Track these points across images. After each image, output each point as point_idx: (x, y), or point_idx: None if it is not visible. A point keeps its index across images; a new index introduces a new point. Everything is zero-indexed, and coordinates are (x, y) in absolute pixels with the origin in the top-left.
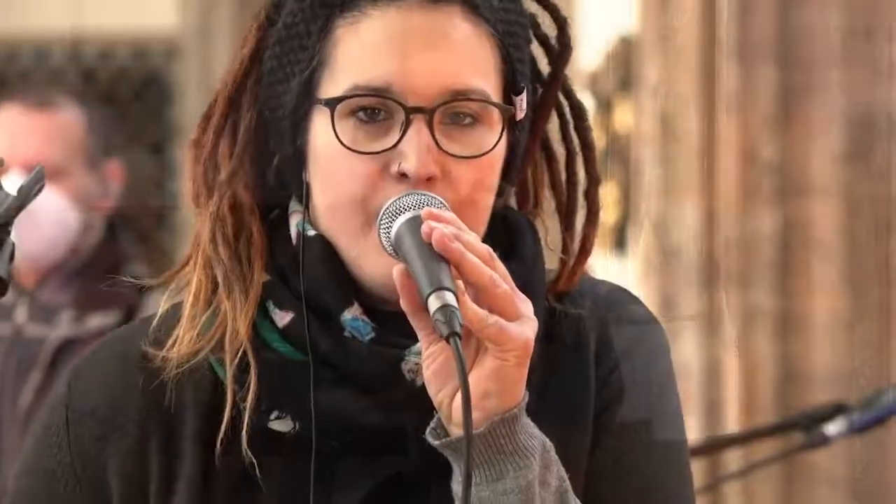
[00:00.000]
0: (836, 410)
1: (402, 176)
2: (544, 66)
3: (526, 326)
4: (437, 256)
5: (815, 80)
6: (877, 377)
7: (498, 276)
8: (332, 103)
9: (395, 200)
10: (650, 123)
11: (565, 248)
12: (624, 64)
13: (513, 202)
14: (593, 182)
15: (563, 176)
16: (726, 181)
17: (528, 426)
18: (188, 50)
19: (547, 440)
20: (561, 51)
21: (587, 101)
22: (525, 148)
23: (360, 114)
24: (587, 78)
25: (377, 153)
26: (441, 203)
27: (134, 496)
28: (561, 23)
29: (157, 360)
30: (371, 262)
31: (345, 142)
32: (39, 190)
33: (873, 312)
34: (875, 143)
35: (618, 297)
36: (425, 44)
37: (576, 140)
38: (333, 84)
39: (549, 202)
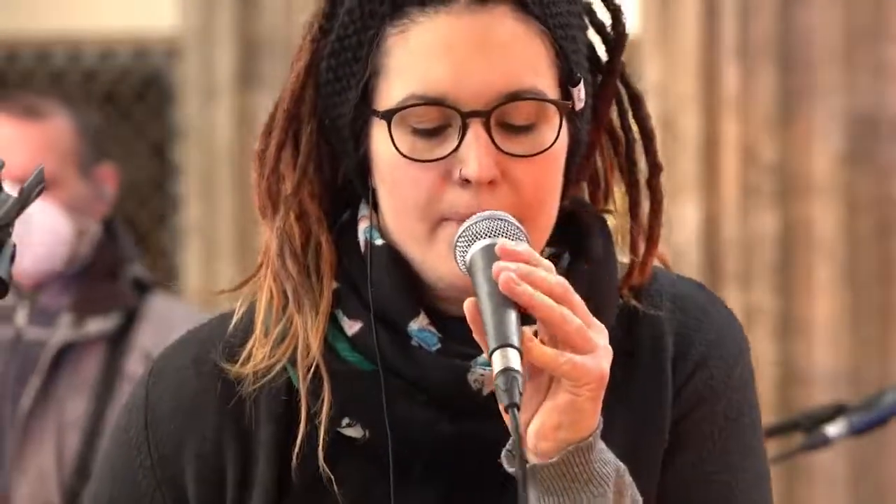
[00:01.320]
0: (836, 411)
1: (465, 181)
2: (603, 53)
3: (600, 358)
4: (507, 297)
5: (816, 81)
6: (877, 377)
7: (569, 312)
8: (387, 115)
9: (474, 224)
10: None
11: (633, 241)
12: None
13: (584, 194)
14: (655, 170)
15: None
16: (727, 181)
17: (603, 452)
18: (189, 50)
19: (621, 465)
20: (616, 39)
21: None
22: (589, 137)
23: (417, 122)
24: None
25: (437, 160)
26: (518, 228)
27: (210, 501)
28: (615, 11)
29: (232, 374)
30: (439, 267)
31: (403, 151)
32: (41, 191)
33: (873, 312)
34: (875, 144)
35: (696, 298)
36: (476, 48)
37: (635, 128)
38: (388, 94)
39: (621, 200)
